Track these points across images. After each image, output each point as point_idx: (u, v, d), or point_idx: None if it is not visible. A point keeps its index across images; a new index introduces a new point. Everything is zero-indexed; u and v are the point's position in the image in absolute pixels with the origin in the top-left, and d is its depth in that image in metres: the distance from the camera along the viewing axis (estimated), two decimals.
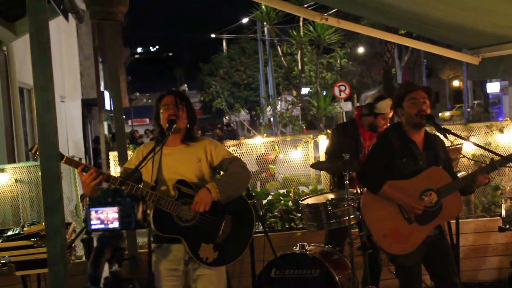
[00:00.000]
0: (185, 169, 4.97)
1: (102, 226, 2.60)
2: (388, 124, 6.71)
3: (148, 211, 2.72)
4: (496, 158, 5.31)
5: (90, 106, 24.43)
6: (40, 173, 4.36)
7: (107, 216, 2.60)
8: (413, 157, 5.26)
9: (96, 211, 2.59)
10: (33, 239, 5.74)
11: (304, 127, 34.76)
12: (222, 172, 5.18)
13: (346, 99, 28.47)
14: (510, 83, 35.99)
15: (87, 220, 2.60)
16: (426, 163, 5.27)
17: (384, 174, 5.25)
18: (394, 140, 5.30)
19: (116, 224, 2.59)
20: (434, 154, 5.34)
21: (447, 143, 5.51)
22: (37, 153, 4.88)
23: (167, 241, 4.96)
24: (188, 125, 5.07)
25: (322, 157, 7.90)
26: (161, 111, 5.01)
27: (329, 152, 6.99)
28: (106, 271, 2.77)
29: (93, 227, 2.61)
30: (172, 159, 4.98)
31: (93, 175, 4.66)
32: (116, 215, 2.59)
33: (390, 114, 6.67)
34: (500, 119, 10.63)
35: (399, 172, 5.25)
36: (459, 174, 5.64)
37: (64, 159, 4.67)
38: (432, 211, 5.20)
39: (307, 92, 29.11)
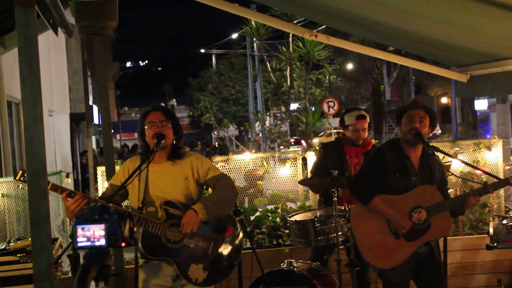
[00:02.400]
0: (172, 188, 4.95)
1: (89, 243, 2.57)
2: (364, 136, 6.79)
3: (135, 229, 2.69)
4: (485, 178, 5.33)
5: (79, 120, 24.34)
6: (27, 188, 4.34)
7: (93, 234, 2.57)
8: (407, 173, 5.27)
9: (82, 228, 2.57)
10: (19, 255, 5.71)
11: (293, 142, 34.75)
12: (210, 189, 5.17)
13: (334, 115, 28.49)
14: (498, 101, 36.14)
15: (73, 237, 2.58)
16: (419, 180, 5.29)
17: (377, 188, 5.27)
18: (389, 155, 5.32)
19: (102, 242, 2.57)
20: (429, 173, 5.34)
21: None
22: (22, 179, 4.86)
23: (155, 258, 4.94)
24: (174, 141, 5.05)
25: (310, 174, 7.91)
26: (147, 127, 4.97)
27: (315, 171, 7.00)
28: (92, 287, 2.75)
29: (79, 244, 2.58)
30: (159, 177, 4.96)
31: (78, 202, 4.64)
32: (103, 233, 2.57)
33: (360, 125, 6.71)
34: (488, 137, 10.67)
35: (392, 186, 5.27)
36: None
37: (49, 186, 4.65)
38: (420, 228, 5.21)
39: (296, 108, 29.14)
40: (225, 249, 5.07)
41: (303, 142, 36.69)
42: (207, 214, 4.80)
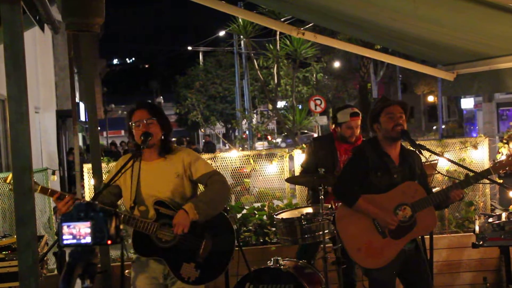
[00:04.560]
0: (164, 186, 4.91)
1: (75, 241, 2.56)
2: (357, 134, 6.79)
3: (121, 226, 2.68)
4: (470, 174, 5.34)
5: (65, 117, 24.20)
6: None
7: (79, 231, 2.55)
8: (388, 171, 5.27)
9: (68, 226, 2.55)
10: (4, 252, 5.67)
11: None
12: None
13: (321, 113, 28.56)
14: (484, 99, 36.35)
15: (59, 235, 2.56)
16: (401, 178, 5.29)
17: (359, 188, 5.27)
18: (369, 154, 5.31)
19: (88, 239, 2.55)
20: (409, 169, 5.35)
21: (422, 159, 5.54)
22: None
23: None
24: (163, 137, 5.01)
25: (298, 171, 7.91)
26: (134, 127, 4.90)
27: (305, 166, 6.99)
28: (78, 285, 2.74)
29: (65, 242, 2.57)
30: (150, 175, 4.92)
31: (69, 204, 4.62)
32: (89, 230, 2.55)
33: (354, 123, 6.72)
34: (474, 135, 10.72)
35: (374, 186, 5.25)
36: (434, 190, 5.66)
37: (39, 188, 4.65)
38: (406, 225, 5.22)
39: (283, 106, 29.17)
40: (217, 248, 5.03)
41: (269, 137, 36.92)
42: (198, 214, 4.75)
